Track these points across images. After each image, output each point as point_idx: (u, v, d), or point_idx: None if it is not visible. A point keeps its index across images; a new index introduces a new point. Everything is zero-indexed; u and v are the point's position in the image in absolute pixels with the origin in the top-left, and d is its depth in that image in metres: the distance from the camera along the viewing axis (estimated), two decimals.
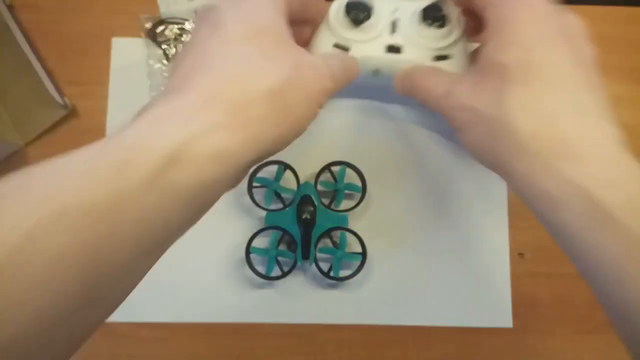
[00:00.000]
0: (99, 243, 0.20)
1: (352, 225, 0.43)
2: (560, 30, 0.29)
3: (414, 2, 0.34)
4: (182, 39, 0.46)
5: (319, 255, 0.42)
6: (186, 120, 0.24)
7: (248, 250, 0.42)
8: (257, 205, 0.43)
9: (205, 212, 0.26)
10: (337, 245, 0.42)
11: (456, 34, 0.34)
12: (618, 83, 0.48)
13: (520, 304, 0.44)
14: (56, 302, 0.19)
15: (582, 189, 0.25)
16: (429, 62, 0.34)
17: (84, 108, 0.46)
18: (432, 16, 0.34)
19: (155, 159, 0.22)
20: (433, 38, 0.34)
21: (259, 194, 0.43)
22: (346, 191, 0.43)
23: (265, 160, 0.43)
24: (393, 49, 0.34)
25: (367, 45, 0.34)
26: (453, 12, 0.34)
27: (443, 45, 0.34)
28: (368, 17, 0.34)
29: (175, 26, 0.46)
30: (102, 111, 0.46)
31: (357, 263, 0.42)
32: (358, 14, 0.34)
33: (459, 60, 0.34)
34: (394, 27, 0.35)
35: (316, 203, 0.42)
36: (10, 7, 0.46)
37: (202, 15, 0.29)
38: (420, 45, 0.34)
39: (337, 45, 0.35)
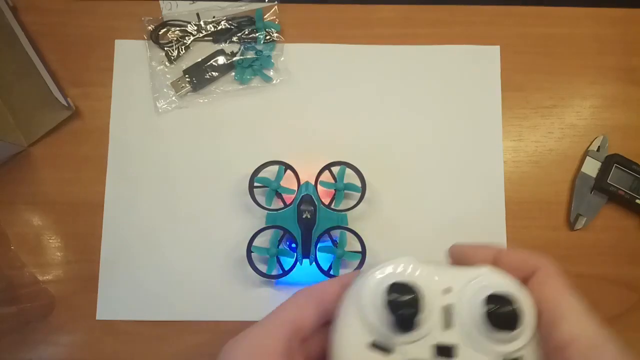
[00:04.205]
0: None
1: (352, 224, 0.43)
2: None
3: (473, 281, 0.26)
4: (184, 41, 0.47)
5: (319, 254, 0.42)
6: None
7: (249, 249, 0.42)
8: (258, 205, 0.43)
9: None
10: (337, 244, 0.43)
11: (529, 332, 0.25)
12: (614, 84, 0.48)
13: None
14: None
15: None
16: None
17: (87, 109, 0.46)
18: (501, 316, 0.25)
19: None
20: (501, 340, 0.25)
21: (260, 194, 0.44)
22: (346, 191, 0.44)
23: (265, 161, 0.44)
24: (445, 352, 0.25)
25: (415, 347, 0.25)
26: (525, 303, 0.25)
27: (512, 350, 0.25)
28: (416, 324, 0.25)
29: (177, 28, 0.47)
30: (106, 112, 0.46)
31: (356, 262, 0.42)
32: (406, 320, 0.24)
33: None
34: (447, 318, 0.26)
35: (316, 203, 0.42)
36: (13, 10, 0.46)
37: None
38: (481, 347, 0.25)
39: (375, 345, 0.26)
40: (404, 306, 0.25)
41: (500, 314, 0.25)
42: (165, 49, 0.47)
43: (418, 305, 0.25)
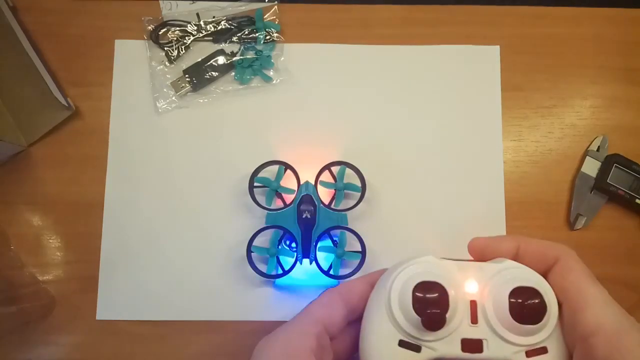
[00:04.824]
0: None
1: (352, 224, 0.43)
2: None
3: (497, 276, 0.27)
4: (184, 41, 0.47)
5: (319, 254, 0.42)
6: None
7: (249, 249, 0.42)
8: (258, 204, 0.43)
9: None
10: (337, 244, 0.43)
11: (553, 323, 0.26)
12: (615, 84, 0.48)
13: None
14: None
15: None
16: None
17: (87, 109, 0.46)
18: (526, 310, 0.25)
19: None
20: (526, 332, 0.25)
21: (260, 193, 0.44)
22: (346, 191, 0.44)
23: (265, 161, 0.44)
24: (472, 346, 0.26)
25: (442, 343, 0.26)
26: (549, 295, 0.26)
27: (538, 341, 0.26)
28: (444, 322, 0.25)
29: (177, 28, 0.47)
30: (106, 112, 0.46)
31: (356, 262, 0.42)
32: (434, 319, 0.25)
33: (557, 353, 0.26)
34: (473, 313, 0.26)
35: (316, 202, 0.42)
36: (13, 10, 0.46)
37: None
38: (507, 340, 0.26)
39: (403, 343, 0.26)
40: (431, 306, 0.25)
41: (526, 308, 0.25)
42: (165, 49, 0.47)
43: (445, 304, 0.25)
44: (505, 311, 0.25)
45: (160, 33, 0.47)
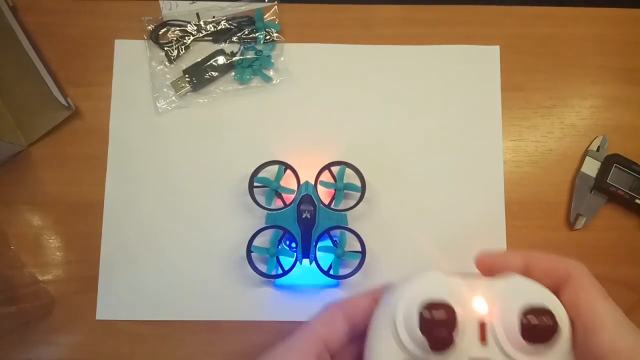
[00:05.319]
0: None
1: (352, 224, 0.43)
2: None
3: (507, 293, 0.26)
4: (184, 40, 0.47)
5: (318, 254, 0.42)
6: None
7: (249, 249, 0.42)
8: (258, 204, 0.43)
9: None
10: (337, 244, 0.43)
11: (565, 342, 0.25)
12: (615, 84, 0.48)
13: None
14: None
15: None
16: None
17: (87, 109, 0.46)
18: (537, 330, 0.24)
19: None
20: (536, 353, 0.24)
21: (259, 193, 0.44)
22: (346, 191, 0.44)
23: (265, 161, 0.44)
24: None
25: None
26: (561, 314, 0.25)
27: None
28: (451, 341, 0.24)
29: (177, 28, 0.47)
30: (105, 112, 0.46)
31: (356, 262, 0.42)
32: (441, 341, 0.24)
33: None
34: (481, 332, 0.25)
35: (316, 202, 0.42)
36: (13, 10, 0.46)
37: None
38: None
39: None
40: (438, 326, 0.24)
41: (537, 328, 0.24)
42: (165, 48, 0.47)
43: (452, 323, 0.24)
44: (516, 331, 0.24)
45: (160, 33, 0.47)
